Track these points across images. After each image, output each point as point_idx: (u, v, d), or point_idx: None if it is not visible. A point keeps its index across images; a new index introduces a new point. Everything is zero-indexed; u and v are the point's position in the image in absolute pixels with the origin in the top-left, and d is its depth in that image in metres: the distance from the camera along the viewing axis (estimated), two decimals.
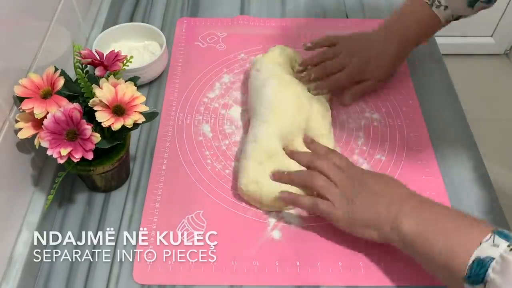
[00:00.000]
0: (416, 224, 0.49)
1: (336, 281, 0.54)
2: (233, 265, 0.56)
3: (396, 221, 0.51)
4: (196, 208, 0.60)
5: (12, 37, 0.53)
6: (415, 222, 0.49)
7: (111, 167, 0.57)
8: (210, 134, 0.69)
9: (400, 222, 0.50)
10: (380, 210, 0.52)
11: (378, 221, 0.52)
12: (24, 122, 0.51)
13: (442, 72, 0.78)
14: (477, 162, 0.66)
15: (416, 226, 0.49)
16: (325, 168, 0.57)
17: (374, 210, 0.53)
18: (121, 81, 0.55)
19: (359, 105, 0.72)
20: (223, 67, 0.78)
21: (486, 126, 1.58)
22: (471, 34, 1.87)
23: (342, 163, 0.58)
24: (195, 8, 0.89)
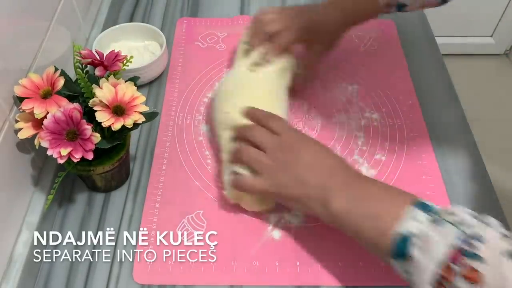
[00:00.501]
0: (344, 202, 0.48)
1: (336, 281, 0.54)
2: (233, 265, 0.56)
3: (325, 199, 0.49)
4: (196, 208, 0.60)
5: (12, 37, 0.53)
6: (344, 200, 0.48)
7: (111, 167, 0.57)
8: (210, 134, 0.68)
9: (329, 200, 0.49)
10: (308, 185, 0.51)
11: (306, 196, 0.51)
12: (24, 122, 0.51)
13: (442, 72, 0.78)
14: (477, 162, 0.66)
15: (344, 204, 0.48)
16: (256, 137, 0.55)
17: (302, 186, 0.51)
18: (121, 81, 0.55)
19: (359, 105, 0.72)
20: (223, 67, 0.78)
21: (486, 126, 1.58)
22: (471, 34, 1.87)
23: (278, 127, 0.56)
24: (195, 8, 0.89)
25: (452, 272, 0.38)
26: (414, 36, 0.84)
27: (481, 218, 0.41)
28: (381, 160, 0.66)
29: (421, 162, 0.66)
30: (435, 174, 0.64)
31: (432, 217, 0.42)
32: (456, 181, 0.64)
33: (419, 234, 0.41)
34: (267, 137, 0.55)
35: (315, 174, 0.52)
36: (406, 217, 0.43)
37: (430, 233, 0.40)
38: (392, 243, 0.43)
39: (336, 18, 0.68)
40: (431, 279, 0.39)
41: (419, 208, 0.43)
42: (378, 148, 0.67)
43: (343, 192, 0.49)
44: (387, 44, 0.82)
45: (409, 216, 0.43)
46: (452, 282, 0.38)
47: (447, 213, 0.42)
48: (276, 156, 0.54)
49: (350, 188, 0.49)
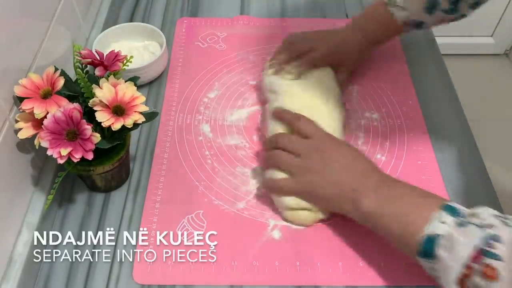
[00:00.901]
0: (375, 203, 0.51)
1: (336, 281, 0.54)
2: (233, 265, 0.56)
3: (357, 199, 0.52)
4: (196, 208, 0.60)
5: (12, 37, 0.53)
6: (374, 201, 0.51)
7: (111, 167, 0.57)
8: (210, 134, 0.69)
9: (360, 201, 0.51)
10: (341, 186, 0.54)
11: (338, 197, 0.54)
12: (24, 122, 0.51)
13: (442, 72, 0.78)
14: (477, 162, 0.66)
15: (375, 205, 0.51)
16: (286, 142, 0.58)
17: (335, 186, 0.54)
18: (121, 81, 0.55)
19: (359, 105, 0.72)
20: (223, 67, 0.78)
21: (486, 126, 1.58)
22: (471, 34, 1.87)
23: (308, 129, 0.58)
24: (195, 8, 0.89)
25: (473, 270, 0.41)
26: (414, 36, 0.84)
27: (502, 218, 0.44)
28: (381, 160, 0.66)
29: (421, 162, 0.66)
30: (435, 174, 0.64)
31: (459, 220, 0.45)
32: (456, 181, 0.64)
33: (446, 236, 0.44)
34: (298, 142, 0.58)
35: (347, 175, 0.54)
36: (434, 220, 0.46)
37: (455, 235, 0.43)
38: (420, 243, 0.46)
39: (357, 40, 0.71)
40: (456, 278, 0.42)
41: (447, 211, 0.46)
42: (378, 148, 0.67)
43: (374, 193, 0.51)
44: (387, 44, 0.82)
45: (437, 218, 0.46)
46: (472, 279, 0.41)
47: (473, 216, 0.45)
48: (309, 158, 0.56)
49: (381, 190, 0.52)
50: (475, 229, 0.43)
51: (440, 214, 0.46)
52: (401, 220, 0.49)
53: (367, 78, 0.76)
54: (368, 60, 0.79)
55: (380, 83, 0.75)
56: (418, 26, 0.69)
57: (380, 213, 0.50)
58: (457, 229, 0.44)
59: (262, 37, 0.82)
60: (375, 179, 0.53)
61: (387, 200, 0.51)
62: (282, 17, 0.87)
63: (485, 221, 0.44)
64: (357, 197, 0.52)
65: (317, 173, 0.55)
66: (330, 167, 0.55)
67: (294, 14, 0.88)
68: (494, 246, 0.41)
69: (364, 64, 0.78)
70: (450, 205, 0.47)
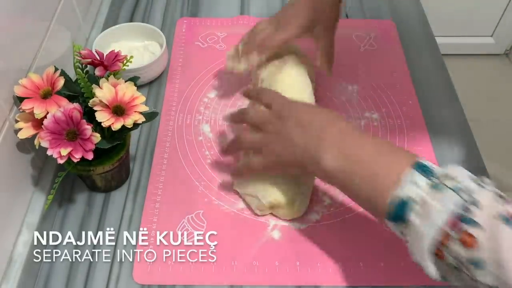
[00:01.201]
0: (337, 159, 0.47)
1: (336, 281, 0.54)
2: (233, 265, 0.56)
3: (317, 156, 0.48)
4: (196, 208, 0.60)
5: (12, 37, 0.53)
6: (336, 157, 0.47)
7: (111, 167, 0.57)
8: (210, 134, 0.69)
9: (321, 158, 0.48)
10: (299, 147, 0.50)
11: (301, 157, 0.50)
12: (24, 122, 0.51)
13: (442, 72, 0.78)
14: (477, 162, 0.66)
15: (337, 161, 0.47)
16: (252, 117, 0.56)
17: (293, 150, 0.51)
18: (121, 81, 0.55)
19: (359, 105, 0.72)
20: (223, 67, 0.78)
21: (486, 126, 1.58)
22: (471, 34, 1.87)
23: (268, 98, 0.56)
24: (195, 8, 0.89)
25: (450, 238, 0.39)
26: (414, 36, 0.84)
27: (479, 181, 0.41)
28: None
29: None
30: None
31: (432, 182, 0.41)
32: None
33: (418, 200, 0.41)
34: (259, 113, 0.55)
35: (304, 134, 0.50)
36: (406, 181, 0.42)
37: (429, 200, 0.40)
38: (390, 206, 0.42)
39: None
40: (430, 245, 0.40)
41: (420, 171, 0.42)
42: None
43: (335, 148, 0.47)
44: (387, 44, 0.82)
45: (408, 179, 0.42)
46: (449, 247, 0.39)
47: (447, 178, 0.41)
48: (268, 129, 0.53)
49: (343, 144, 0.48)
50: (451, 194, 0.39)
51: (412, 175, 0.42)
52: (369, 180, 0.45)
53: (367, 78, 0.76)
54: (368, 60, 0.79)
55: (380, 83, 0.75)
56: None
57: (344, 170, 0.46)
58: (431, 192, 0.40)
59: None
60: (336, 130, 0.49)
61: (352, 156, 0.46)
62: None
63: (461, 184, 0.40)
64: (318, 154, 0.48)
65: (277, 140, 0.52)
66: (287, 129, 0.51)
67: None
68: (472, 212, 0.38)
69: (364, 64, 0.78)
70: (422, 163, 0.43)
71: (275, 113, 0.54)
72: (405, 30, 0.85)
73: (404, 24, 0.86)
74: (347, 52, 0.80)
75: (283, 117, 0.53)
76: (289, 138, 0.51)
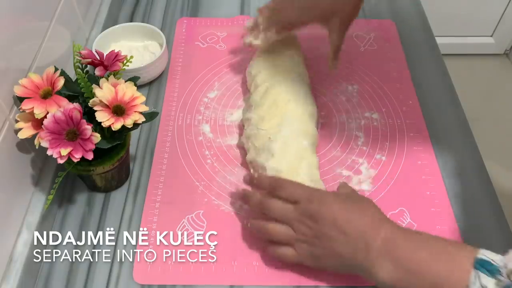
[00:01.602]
0: (392, 272, 0.45)
1: (336, 281, 0.54)
2: (233, 265, 0.56)
3: (369, 270, 0.47)
4: (196, 208, 0.60)
5: (12, 37, 0.53)
6: (391, 269, 0.45)
7: (111, 167, 0.57)
8: (210, 134, 0.69)
9: (374, 271, 0.46)
10: (346, 257, 0.48)
11: (347, 267, 0.50)
12: (24, 122, 0.51)
13: (442, 72, 0.78)
14: (477, 162, 0.66)
15: (393, 274, 0.45)
16: (275, 213, 0.52)
17: (339, 257, 0.49)
18: (121, 81, 0.55)
19: (359, 105, 0.72)
20: (223, 67, 0.78)
21: (486, 126, 1.58)
22: (471, 34, 1.87)
23: (290, 195, 0.52)
24: (195, 8, 0.89)
25: None
26: (414, 36, 0.84)
27: None
28: (381, 160, 0.66)
29: (421, 162, 0.66)
30: (435, 174, 0.64)
31: (499, 281, 0.40)
32: (456, 181, 0.64)
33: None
34: (284, 209, 0.52)
35: (348, 244, 0.48)
36: (472, 285, 0.41)
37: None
38: None
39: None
40: None
41: (483, 270, 0.41)
42: (378, 148, 0.67)
43: (386, 260, 0.46)
44: (387, 44, 0.82)
45: (477, 285, 0.41)
46: None
47: (510, 271, 0.40)
48: (300, 230, 0.51)
49: (395, 254, 0.46)
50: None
51: (477, 278, 0.41)
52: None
53: (367, 78, 0.76)
54: (368, 60, 0.79)
55: (380, 83, 0.75)
56: None
57: (402, 282, 0.45)
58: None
59: None
60: (382, 238, 0.46)
61: (407, 267, 0.44)
62: None
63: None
64: (369, 266, 0.46)
65: (314, 244, 0.50)
66: (325, 234, 0.49)
67: None
68: None
69: (364, 64, 0.78)
70: (483, 260, 0.41)
71: (303, 211, 0.50)
72: (405, 30, 0.85)
73: (404, 24, 0.86)
74: (347, 52, 0.80)
75: (316, 218, 0.50)
76: (331, 246, 0.49)
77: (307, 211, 0.50)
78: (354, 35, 0.83)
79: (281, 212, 0.52)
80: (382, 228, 0.48)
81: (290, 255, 0.52)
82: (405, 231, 0.48)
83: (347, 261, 0.49)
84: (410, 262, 0.45)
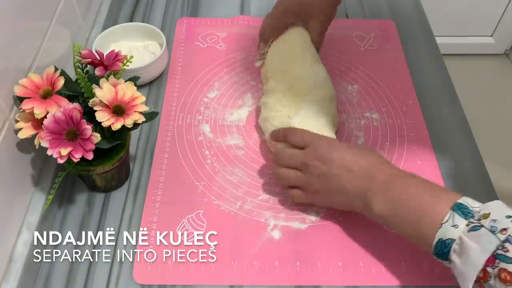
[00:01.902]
0: (385, 206, 0.50)
1: (336, 281, 0.54)
2: (233, 265, 0.56)
3: (366, 202, 0.52)
4: (196, 208, 0.60)
5: (12, 37, 0.53)
6: (384, 203, 0.51)
7: (111, 167, 0.57)
8: (210, 134, 0.69)
9: (370, 203, 0.51)
10: (349, 191, 0.53)
11: (348, 201, 0.54)
12: (24, 122, 0.51)
13: (442, 72, 0.78)
14: (477, 162, 0.66)
15: (385, 207, 0.50)
16: (286, 159, 0.58)
17: (343, 193, 0.54)
18: (121, 81, 0.55)
19: (359, 105, 0.73)
20: (223, 67, 0.78)
21: (486, 126, 1.58)
22: (471, 34, 1.87)
23: (300, 141, 0.58)
24: (195, 8, 0.89)
25: (489, 275, 0.41)
26: (414, 36, 0.84)
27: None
28: None
29: (421, 162, 0.66)
30: (435, 174, 0.64)
31: (470, 224, 0.44)
32: (456, 181, 0.64)
33: (458, 242, 0.44)
34: (296, 155, 0.57)
35: (353, 180, 0.53)
36: (446, 224, 0.45)
37: (467, 241, 0.43)
38: (434, 246, 0.46)
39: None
40: (472, 282, 0.43)
41: (459, 212, 0.45)
42: (378, 148, 0.67)
43: (382, 195, 0.51)
44: (387, 44, 0.82)
45: (449, 222, 0.45)
46: (488, 282, 0.41)
47: (485, 217, 0.44)
48: (309, 171, 0.56)
49: (390, 190, 0.51)
50: (488, 235, 0.42)
51: (452, 217, 0.45)
52: (414, 224, 0.48)
53: (367, 78, 0.76)
54: (368, 60, 0.79)
55: (380, 83, 0.76)
56: None
57: (392, 215, 0.50)
58: (469, 234, 0.43)
59: None
60: (382, 177, 0.52)
61: (398, 202, 0.50)
62: None
63: (497, 223, 0.43)
64: (367, 200, 0.52)
65: (322, 183, 0.55)
66: (333, 174, 0.54)
67: None
68: (508, 250, 0.41)
69: (364, 64, 0.78)
70: (462, 204, 0.46)
71: (313, 154, 0.56)
72: (405, 30, 0.85)
73: (404, 24, 0.86)
74: (347, 52, 0.80)
75: (325, 159, 0.55)
76: (338, 183, 0.54)
77: (316, 153, 0.55)
78: (354, 35, 0.83)
79: (291, 156, 0.58)
80: (384, 168, 0.53)
81: (299, 196, 0.58)
82: (403, 172, 0.53)
83: (351, 196, 0.54)
84: (399, 195, 0.50)
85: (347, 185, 0.53)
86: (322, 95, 0.65)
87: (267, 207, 0.61)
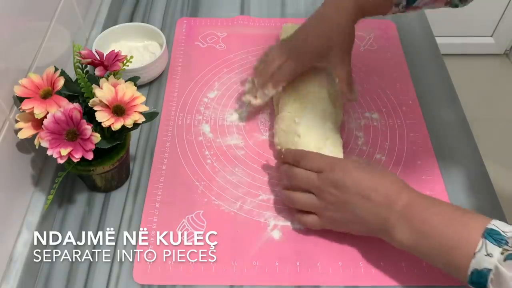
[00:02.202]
0: (408, 235, 0.49)
1: (336, 281, 0.54)
2: (233, 265, 0.56)
3: (388, 232, 0.50)
4: (196, 208, 0.60)
5: (12, 37, 0.53)
6: (407, 232, 0.49)
7: (111, 167, 0.57)
8: (210, 134, 0.69)
9: (392, 233, 0.50)
10: (367, 221, 0.52)
11: (368, 230, 0.53)
12: (24, 122, 0.51)
13: (442, 72, 0.78)
14: (477, 162, 0.66)
15: (409, 237, 0.49)
16: (299, 181, 0.56)
17: (361, 222, 0.52)
18: (121, 81, 0.55)
19: (359, 105, 0.72)
20: (223, 67, 0.78)
21: (486, 126, 1.58)
22: (471, 34, 1.87)
23: (313, 165, 0.55)
24: (195, 8, 0.89)
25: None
26: (414, 36, 0.84)
27: None
28: (381, 160, 0.66)
29: (421, 162, 0.66)
30: (435, 174, 0.64)
31: (505, 252, 0.42)
32: (456, 181, 0.64)
33: (495, 272, 0.42)
34: (308, 178, 0.55)
35: (371, 209, 0.51)
36: (480, 254, 0.43)
37: (503, 270, 0.41)
38: (469, 276, 0.44)
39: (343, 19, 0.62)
40: None
41: (491, 240, 0.43)
42: (378, 148, 0.67)
43: (403, 225, 0.49)
44: (387, 44, 0.82)
45: (482, 252, 0.43)
46: None
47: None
48: (324, 197, 0.53)
49: (411, 218, 0.49)
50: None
51: (484, 245, 0.43)
52: (443, 255, 0.46)
53: (367, 78, 0.76)
54: (368, 60, 0.79)
55: (380, 83, 0.76)
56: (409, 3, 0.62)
57: (416, 245, 0.48)
58: (505, 263, 0.42)
59: (262, 37, 0.82)
60: (403, 202, 0.50)
61: (422, 233, 0.48)
62: (282, 17, 0.87)
63: None
64: (387, 229, 0.50)
65: (338, 211, 0.53)
66: (349, 202, 0.52)
67: (294, 14, 0.88)
68: None
69: (364, 64, 0.78)
70: (493, 230, 0.44)
71: (328, 180, 0.53)
72: (405, 30, 0.85)
73: (404, 24, 0.86)
74: None
75: (340, 186, 0.52)
76: (355, 212, 0.52)
77: (330, 179, 0.53)
78: None
79: (305, 181, 0.55)
80: (403, 194, 0.50)
81: (314, 222, 0.55)
82: (424, 198, 0.51)
83: (370, 225, 0.52)
84: (424, 226, 0.48)
85: (364, 214, 0.51)
86: (325, 93, 0.65)
87: (267, 207, 0.61)
